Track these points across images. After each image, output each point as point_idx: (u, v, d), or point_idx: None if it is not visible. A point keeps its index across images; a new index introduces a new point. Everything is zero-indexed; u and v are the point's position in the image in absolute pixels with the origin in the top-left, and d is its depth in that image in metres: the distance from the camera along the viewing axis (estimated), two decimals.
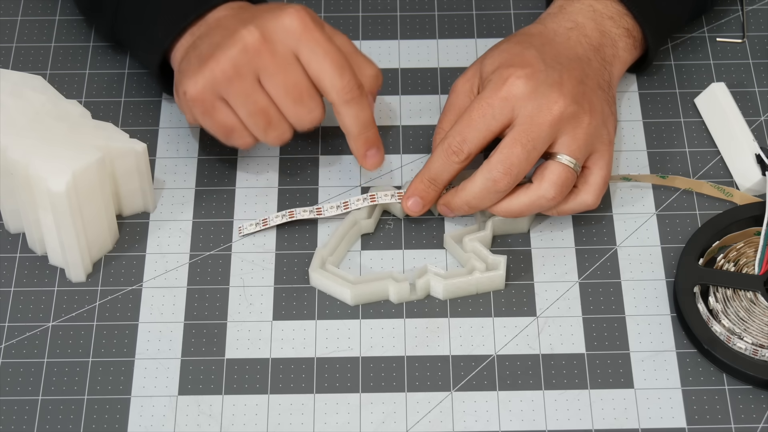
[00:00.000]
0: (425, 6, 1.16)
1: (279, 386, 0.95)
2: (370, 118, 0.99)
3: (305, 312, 0.99)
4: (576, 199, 0.99)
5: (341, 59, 0.96)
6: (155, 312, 0.99)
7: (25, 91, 0.99)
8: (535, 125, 0.96)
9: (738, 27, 1.15)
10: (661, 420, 0.94)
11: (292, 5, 0.96)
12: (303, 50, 0.96)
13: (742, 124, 1.06)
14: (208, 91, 0.97)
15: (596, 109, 0.98)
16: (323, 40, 0.96)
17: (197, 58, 0.97)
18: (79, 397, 0.95)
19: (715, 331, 0.96)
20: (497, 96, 0.96)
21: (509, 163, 0.96)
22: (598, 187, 0.99)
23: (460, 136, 0.97)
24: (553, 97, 0.96)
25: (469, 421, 0.94)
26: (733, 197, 1.03)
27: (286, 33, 0.95)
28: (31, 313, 0.99)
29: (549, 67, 0.98)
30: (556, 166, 0.97)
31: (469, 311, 0.99)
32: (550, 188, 0.97)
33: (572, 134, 0.97)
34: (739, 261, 0.99)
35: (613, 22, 1.04)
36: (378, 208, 1.03)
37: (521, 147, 0.95)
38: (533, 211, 0.98)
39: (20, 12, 1.16)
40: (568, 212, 1.00)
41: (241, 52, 0.95)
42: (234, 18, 0.99)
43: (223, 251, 1.02)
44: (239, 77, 0.96)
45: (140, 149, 0.99)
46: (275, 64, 0.96)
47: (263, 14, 0.97)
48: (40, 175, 0.94)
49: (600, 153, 0.99)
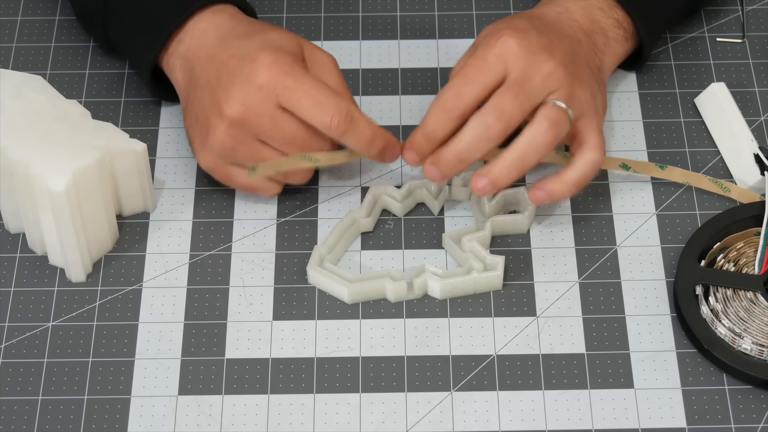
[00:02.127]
0: (425, 6, 1.16)
1: (279, 386, 0.95)
2: (371, 134, 0.98)
3: (305, 312, 0.99)
4: (581, 159, 0.98)
5: (321, 96, 0.96)
6: (155, 312, 0.99)
7: (25, 91, 0.99)
8: (528, 79, 0.96)
9: (738, 27, 1.15)
10: (661, 420, 0.94)
11: (262, 55, 0.96)
12: (284, 102, 0.96)
13: (742, 124, 1.06)
14: (218, 161, 1.00)
15: (584, 81, 0.99)
16: (297, 85, 0.96)
17: (196, 123, 1.00)
18: (79, 397, 0.95)
19: (719, 333, 0.96)
20: (491, 53, 0.96)
21: (501, 109, 0.95)
22: (596, 143, 0.98)
23: (454, 92, 0.96)
24: (544, 56, 0.97)
25: (469, 421, 0.94)
26: (730, 192, 1.03)
27: (264, 93, 0.96)
28: (31, 313, 0.99)
29: (540, 33, 0.98)
30: (547, 106, 0.96)
31: (469, 311, 0.99)
32: (543, 121, 0.96)
33: (563, 90, 0.97)
34: (739, 261, 0.99)
35: (603, 12, 1.04)
36: (377, 206, 1.03)
37: (514, 95, 0.95)
38: (535, 155, 0.96)
39: (20, 12, 1.16)
40: (581, 179, 0.98)
41: (229, 126, 0.97)
42: (212, 60, 0.99)
43: (223, 251, 1.02)
44: (240, 145, 0.98)
45: (140, 149, 0.99)
46: (266, 126, 0.97)
47: (239, 72, 0.97)
48: (40, 175, 0.94)
49: (590, 117, 0.99)
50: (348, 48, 1.13)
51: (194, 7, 1.02)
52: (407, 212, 1.04)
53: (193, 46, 1.01)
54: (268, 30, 1.00)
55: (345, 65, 1.12)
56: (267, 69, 0.96)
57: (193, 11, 1.01)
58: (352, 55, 1.13)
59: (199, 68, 1.00)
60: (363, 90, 1.11)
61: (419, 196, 1.04)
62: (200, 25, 1.01)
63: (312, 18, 1.15)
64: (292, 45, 0.99)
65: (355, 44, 1.14)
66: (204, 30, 1.01)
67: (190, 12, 1.01)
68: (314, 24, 1.15)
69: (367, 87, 1.11)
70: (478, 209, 1.03)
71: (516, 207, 1.04)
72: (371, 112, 1.09)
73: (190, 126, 1.01)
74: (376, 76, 1.11)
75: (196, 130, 1.00)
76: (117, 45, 1.08)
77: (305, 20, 1.15)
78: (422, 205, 1.04)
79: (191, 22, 1.02)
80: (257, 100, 0.96)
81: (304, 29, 1.14)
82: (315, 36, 1.14)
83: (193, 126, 1.00)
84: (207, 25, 1.01)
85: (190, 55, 1.01)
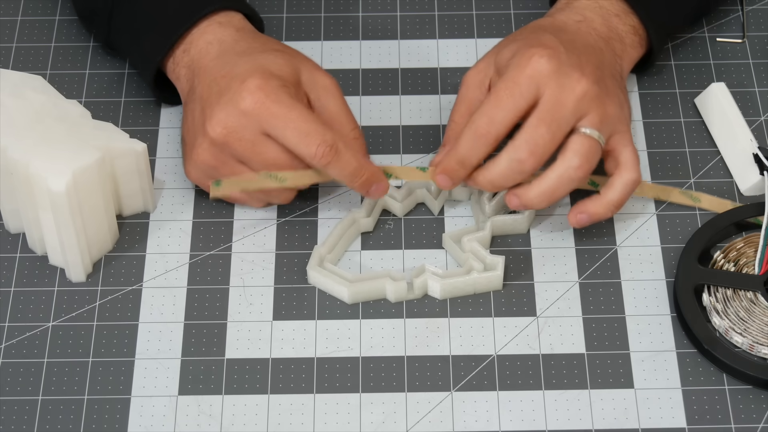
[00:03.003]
0: (425, 6, 1.16)
1: (279, 386, 0.95)
2: (356, 167, 0.97)
3: (305, 312, 0.99)
4: (620, 180, 0.98)
5: (306, 126, 0.95)
6: (155, 312, 0.99)
7: (25, 91, 0.99)
8: (559, 105, 0.95)
9: (738, 27, 1.15)
10: (661, 420, 0.94)
11: (250, 79, 0.96)
12: (268, 129, 0.96)
13: (742, 124, 1.06)
14: (201, 175, 1.00)
15: (612, 93, 0.99)
16: (282, 113, 0.95)
17: (187, 134, 1.00)
18: (79, 397, 0.95)
19: (714, 323, 0.96)
20: (523, 75, 0.96)
21: (534, 144, 0.95)
22: (632, 162, 0.98)
23: (488, 118, 0.96)
24: (576, 76, 0.96)
25: (469, 421, 0.94)
26: (701, 203, 1.03)
27: (247, 118, 0.96)
28: (31, 313, 0.99)
29: (568, 50, 0.98)
30: (578, 137, 0.96)
31: (469, 311, 0.99)
32: (573, 157, 0.96)
33: (595, 113, 0.96)
34: (739, 261, 0.99)
35: (619, 19, 1.04)
36: (377, 206, 1.03)
37: (546, 127, 0.95)
38: (565, 189, 0.97)
39: (20, 12, 1.16)
40: (621, 199, 0.98)
41: (211, 145, 0.97)
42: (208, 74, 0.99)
43: (223, 251, 1.02)
44: (221, 164, 0.98)
45: (140, 149, 0.99)
46: (246, 150, 0.97)
47: (226, 92, 0.97)
48: (40, 174, 0.94)
49: (621, 134, 0.99)
50: (348, 48, 1.13)
51: (202, 13, 1.02)
52: (407, 212, 1.04)
53: (197, 57, 1.01)
54: (266, 51, 1.00)
55: (345, 65, 1.12)
56: (252, 95, 0.95)
57: (201, 17, 1.02)
58: (352, 55, 1.13)
59: (197, 81, 1.00)
60: (363, 90, 1.11)
61: (419, 196, 1.04)
62: (206, 37, 1.02)
63: (312, 18, 1.15)
64: (287, 69, 0.98)
65: (355, 44, 1.14)
66: (209, 43, 1.01)
67: (197, 18, 1.02)
68: (314, 24, 1.15)
69: (367, 87, 1.11)
70: (478, 209, 1.03)
71: None
72: (371, 112, 1.09)
73: (183, 134, 1.02)
74: (376, 76, 1.11)
75: (186, 142, 1.01)
76: (120, 44, 1.08)
77: (305, 20, 1.15)
78: (422, 205, 1.04)
79: (197, 32, 1.02)
80: (239, 125, 0.96)
81: (304, 29, 1.14)
82: (315, 36, 1.14)
83: (185, 137, 1.01)
84: (212, 38, 1.01)
85: (193, 66, 1.01)
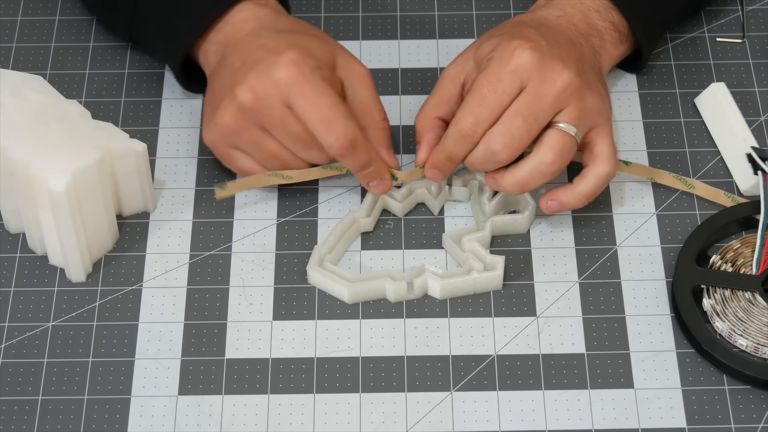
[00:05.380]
0: (425, 6, 1.16)
1: (279, 386, 0.95)
2: (367, 161, 0.98)
3: (305, 312, 0.99)
4: (593, 172, 0.99)
5: (331, 114, 0.96)
6: (155, 312, 0.99)
7: (25, 91, 0.99)
8: (539, 98, 0.95)
9: (738, 27, 1.15)
10: (661, 420, 0.94)
11: (288, 52, 0.96)
12: (294, 104, 0.96)
13: (742, 124, 1.06)
14: (219, 141, 1.00)
15: (593, 86, 0.99)
16: (312, 94, 0.95)
17: (212, 98, 1.00)
18: (79, 397, 0.95)
19: (717, 328, 0.96)
20: (506, 70, 0.96)
21: (509, 137, 0.95)
22: (609, 155, 0.98)
23: (473, 117, 0.96)
24: (558, 68, 0.96)
25: (469, 421, 0.94)
26: (695, 189, 1.03)
27: (278, 88, 0.96)
28: (31, 313, 0.99)
29: (549, 43, 0.98)
30: (554, 132, 0.96)
31: (469, 311, 0.99)
32: (547, 152, 0.96)
33: (574, 106, 0.97)
34: (737, 261, 0.99)
35: (599, 15, 1.04)
36: (377, 206, 1.03)
37: (523, 120, 0.95)
38: (538, 181, 0.97)
39: (20, 12, 1.16)
40: (592, 191, 0.99)
41: (237, 110, 0.97)
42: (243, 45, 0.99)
43: (223, 251, 1.02)
44: (243, 130, 0.98)
45: (140, 149, 0.99)
46: (273, 118, 0.97)
47: (262, 61, 0.97)
48: (40, 174, 0.94)
49: (601, 127, 0.99)
50: (348, 48, 1.13)
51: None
52: (407, 212, 1.04)
53: (231, 33, 1.01)
54: (306, 33, 1.00)
55: None
56: (287, 68, 0.96)
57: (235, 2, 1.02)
58: None
59: (229, 51, 1.00)
60: None
61: (419, 196, 1.04)
62: (241, 15, 1.02)
63: (312, 18, 1.15)
64: (324, 52, 0.99)
65: (355, 44, 1.14)
66: (245, 20, 1.02)
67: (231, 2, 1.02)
68: (314, 24, 1.14)
69: None
70: (478, 209, 1.03)
71: (516, 207, 1.04)
72: None
73: (206, 101, 1.01)
74: (376, 76, 1.11)
75: (209, 106, 1.00)
76: (144, 34, 1.07)
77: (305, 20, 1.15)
78: (422, 205, 1.05)
79: (233, 11, 1.02)
80: (270, 93, 0.96)
81: None
82: None
83: (209, 101, 1.01)
84: (248, 15, 1.02)
85: (227, 41, 1.01)
